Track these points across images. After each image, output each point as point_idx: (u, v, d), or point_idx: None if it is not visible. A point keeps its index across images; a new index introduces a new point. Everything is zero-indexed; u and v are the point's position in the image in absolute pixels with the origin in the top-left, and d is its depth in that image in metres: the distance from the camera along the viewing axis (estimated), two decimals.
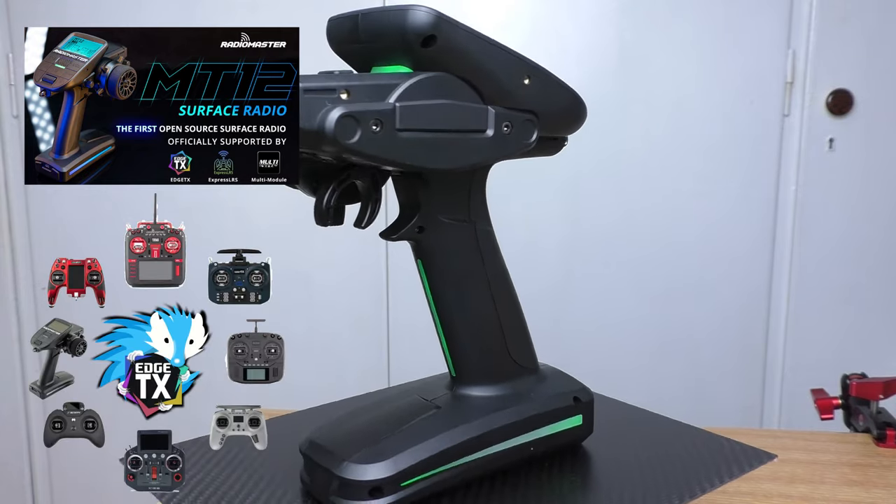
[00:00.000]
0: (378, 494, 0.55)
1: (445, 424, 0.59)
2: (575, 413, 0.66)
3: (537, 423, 0.63)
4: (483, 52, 0.55)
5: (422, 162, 0.54)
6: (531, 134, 0.57)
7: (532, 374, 0.67)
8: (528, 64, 0.57)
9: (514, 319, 0.65)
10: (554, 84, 0.59)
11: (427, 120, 0.53)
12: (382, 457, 0.56)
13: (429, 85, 0.53)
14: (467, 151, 0.55)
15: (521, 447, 0.63)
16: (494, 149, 0.56)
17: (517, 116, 0.57)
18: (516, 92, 0.57)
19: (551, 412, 0.65)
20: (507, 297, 0.64)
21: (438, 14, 0.54)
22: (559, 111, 0.60)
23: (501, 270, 0.64)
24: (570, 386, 0.67)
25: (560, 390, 0.66)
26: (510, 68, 0.57)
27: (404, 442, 0.57)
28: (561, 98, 0.60)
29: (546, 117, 0.59)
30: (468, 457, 0.59)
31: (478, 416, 0.60)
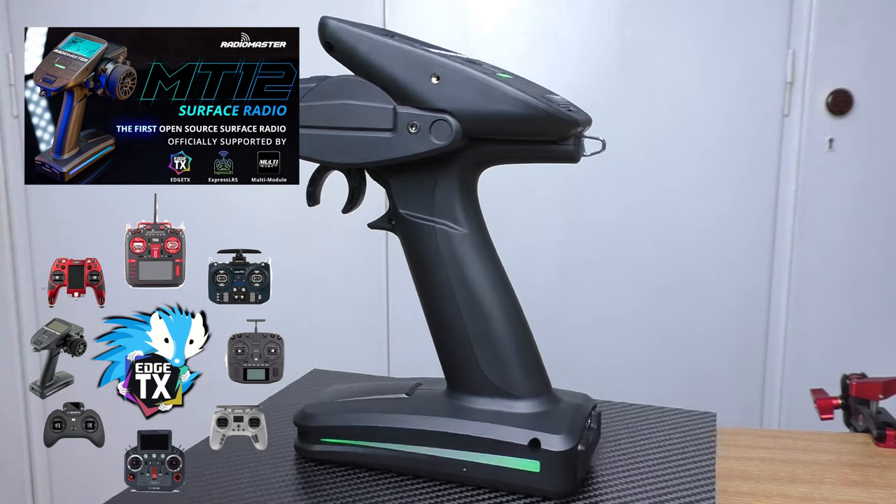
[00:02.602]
0: (303, 440, 0.64)
1: (388, 409, 0.62)
2: (530, 457, 0.57)
3: (473, 445, 0.58)
4: (378, 54, 0.57)
5: (325, 157, 0.59)
6: (446, 135, 0.56)
7: (513, 398, 0.60)
8: (437, 63, 0.56)
9: (488, 334, 0.60)
10: (473, 84, 0.56)
11: (326, 118, 0.58)
12: (319, 410, 0.64)
13: (333, 86, 0.58)
14: (370, 149, 0.58)
15: (451, 462, 0.59)
16: (401, 147, 0.57)
17: (426, 117, 0.56)
18: (424, 92, 0.56)
19: (493, 441, 0.58)
20: (477, 309, 0.60)
21: (332, 21, 0.58)
22: (486, 113, 0.56)
23: (472, 279, 0.60)
24: (543, 427, 0.58)
25: (521, 424, 0.58)
26: (412, 69, 0.56)
27: (345, 407, 0.64)
28: (483, 99, 0.56)
29: (470, 119, 0.56)
30: (392, 444, 0.61)
31: (421, 413, 0.61)
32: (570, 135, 0.57)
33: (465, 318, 0.60)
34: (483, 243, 0.61)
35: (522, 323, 0.62)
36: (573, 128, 0.57)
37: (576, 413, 0.60)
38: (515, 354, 0.60)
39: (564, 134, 0.57)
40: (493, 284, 0.60)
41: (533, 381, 0.61)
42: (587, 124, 0.59)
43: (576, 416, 0.60)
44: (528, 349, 0.61)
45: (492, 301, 0.60)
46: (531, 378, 0.61)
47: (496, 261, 0.62)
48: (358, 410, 0.63)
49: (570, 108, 0.57)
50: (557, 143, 0.57)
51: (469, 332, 0.60)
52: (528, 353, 0.61)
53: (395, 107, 0.57)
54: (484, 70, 0.57)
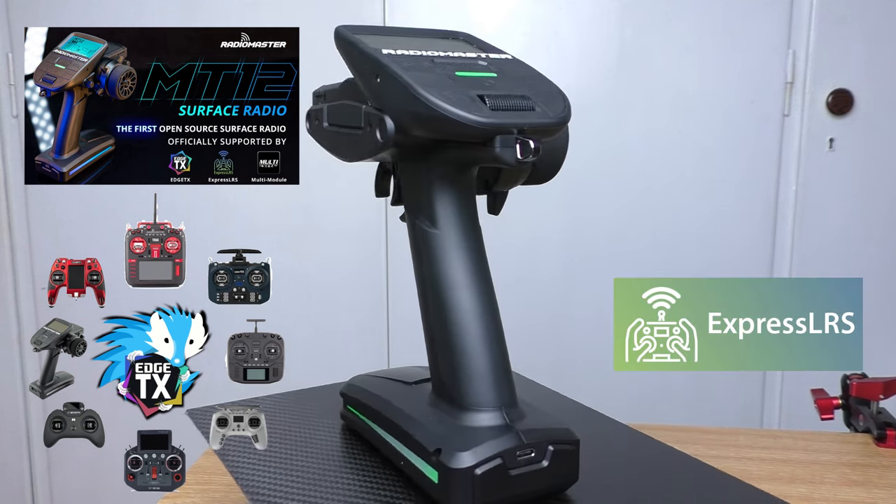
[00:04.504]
0: (343, 404, 0.69)
1: (387, 393, 0.64)
2: (433, 465, 0.54)
3: (407, 440, 0.58)
4: (349, 55, 0.58)
5: (334, 153, 0.61)
6: (383, 133, 0.55)
7: (460, 406, 0.56)
8: (379, 64, 0.56)
9: (446, 338, 0.57)
10: (396, 84, 0.55)
11: (336, 117, 0.60)
12: (356, 381, 0.69)
13: (344, 87, 0.60)
14: (351, 147, 0.59)
15: (398, 454, 0.59)
16: (364, 144, 0.57)
17: (374, 115, 0.56)
18: (370, 91, 0.57)
19: (415, 441, 0.56)
20: (440, 312, 0.58)
21: (339, 28, 0.59)
22: (409, 116, 0.54)
23: (439, 280, 0.58)
24: (454, 439, 0.54)
25: (441, 431, 0.55)
26: (363, 67, 0.57)
27: (369, 383, 0.67)
28: (401, 100, 0.54)
29: (397, 118, 0.55)
30: (375, 426, 0.64)
31: (399, 403, 0.62)
32: (488, 138, 0.53)
33: (431, 318, 0.59)
34: (458, 246, 0.58)
35: (487, 331, 0.58)
36: (479, 132, 0.52)
37: (509, 437, 0.53)
38: (468, 363, 0.57)
39: (479, 137, 0.53)
40: (459, 288, 0.58)
41: (481, 394, 0.56)
42: (508, 129, 0.53)
43: (504, 439, 0.53)
44: (484, 360, 0.57)
45: (453, 306, 0.58)
46: (478, 391, 0.56)
47: (472, 265, 0.59)
48: (372, 388, 0.65)
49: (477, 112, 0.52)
50: (485, 146, 0.53)
51: (435, 332, 0.59)
52: (482, 365, 0.57)
53: (363, 106, 0.58)
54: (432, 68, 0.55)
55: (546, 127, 0.54)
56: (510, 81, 0.57)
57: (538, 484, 0.54)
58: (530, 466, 0.53)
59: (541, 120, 0.54)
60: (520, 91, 0.56)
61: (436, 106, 0.52)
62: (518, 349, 0.64)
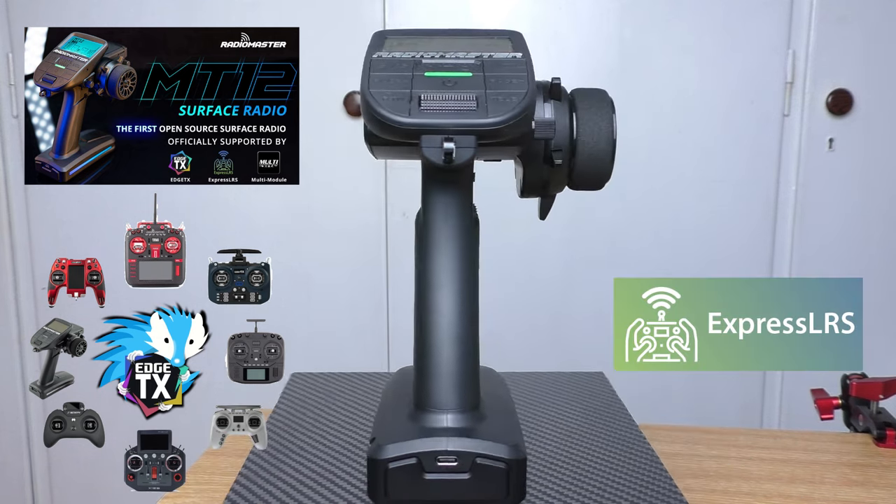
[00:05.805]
0: None
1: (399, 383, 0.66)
2: (368, 451, 0.55)
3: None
4: None
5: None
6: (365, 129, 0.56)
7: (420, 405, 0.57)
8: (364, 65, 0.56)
9: (416, 338, 0.58)
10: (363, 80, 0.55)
11: None
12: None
13: None
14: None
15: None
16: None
17: None
18: None
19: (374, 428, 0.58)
20: (417, 308, 0.59)
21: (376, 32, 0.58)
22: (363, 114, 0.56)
23: (421, 277, 0.58)
24: (387, 430, 0.56)
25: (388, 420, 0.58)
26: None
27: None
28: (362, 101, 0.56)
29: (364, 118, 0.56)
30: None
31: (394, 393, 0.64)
32: (412, 137, 0.53)
33: (414, 308, 0.59)
34: (445, 245, 0.58)
35: (454, 334, 0.57)
36: (402, 132, 0.53)
37: (434, 440, 0.53)
38: (428, 363, 0.57)
39: (404, 136, 0.53)
40: (437, 288, 0.58)
41: (432, 395, 0.56)
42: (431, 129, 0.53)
43: (428, 441, 0.53)
44: (444, 362, 0.57)
45: (427, 305, 0.58)
46: (430, 391, 0.57)
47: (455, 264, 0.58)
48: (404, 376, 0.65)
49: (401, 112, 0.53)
50: (417, 145, 0.53)
51: (414, 327, 0.59)
52: (440, 366, 0.57)
53: None
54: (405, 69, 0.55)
55: (478, 128, 0.53)
56: (476, 82, 0.56)
57: (460, 494, 0.53)
58: (450, 475, 0.53)
59: (471, 120, 0.53)
60: (476, 92, 0.55)
61: (370, 105, 0.53)
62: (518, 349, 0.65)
